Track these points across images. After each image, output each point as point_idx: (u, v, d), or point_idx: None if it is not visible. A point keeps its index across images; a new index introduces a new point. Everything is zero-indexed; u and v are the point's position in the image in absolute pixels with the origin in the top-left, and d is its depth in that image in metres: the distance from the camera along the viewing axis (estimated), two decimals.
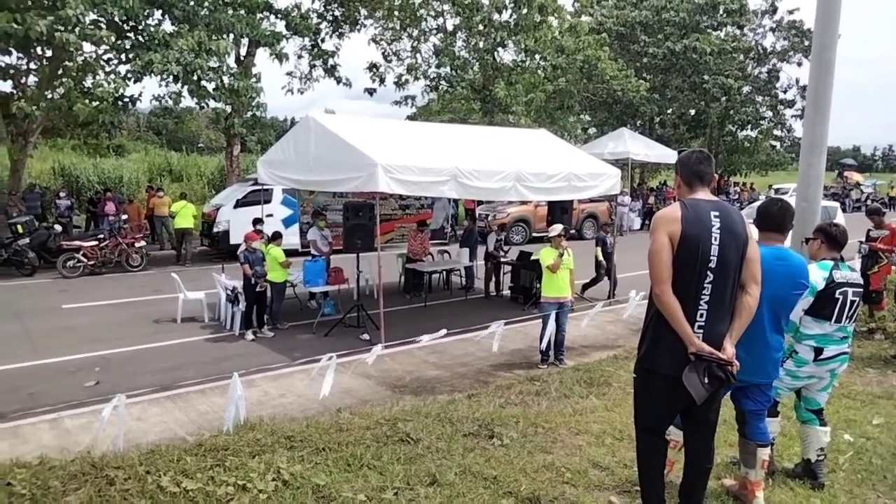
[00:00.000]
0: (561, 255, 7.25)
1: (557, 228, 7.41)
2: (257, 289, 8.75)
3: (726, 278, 3.14)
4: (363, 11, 20.94)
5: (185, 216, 15.44)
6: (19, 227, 13.43)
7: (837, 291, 3.95)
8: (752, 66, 31.46)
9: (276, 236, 9.20)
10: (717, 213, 3.15)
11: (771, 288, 3.55)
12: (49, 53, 14.28)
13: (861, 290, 4.09)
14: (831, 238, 4.17)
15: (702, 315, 3.13)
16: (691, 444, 3.46)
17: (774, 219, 3.73)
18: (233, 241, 14.29)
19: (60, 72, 14.21)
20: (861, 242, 8.71)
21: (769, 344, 3.64)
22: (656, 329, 3.23)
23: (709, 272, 3.10)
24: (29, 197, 16.74)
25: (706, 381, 3.07)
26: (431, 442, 4.72)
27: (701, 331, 3.14)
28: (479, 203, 18.71)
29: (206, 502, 3.80)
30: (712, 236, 3.10)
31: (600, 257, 10.81)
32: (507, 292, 11.63)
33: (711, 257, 3.09)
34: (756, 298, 3.25)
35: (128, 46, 14.82)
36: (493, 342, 7.20)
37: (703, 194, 3.26)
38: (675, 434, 3.76)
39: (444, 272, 12.20)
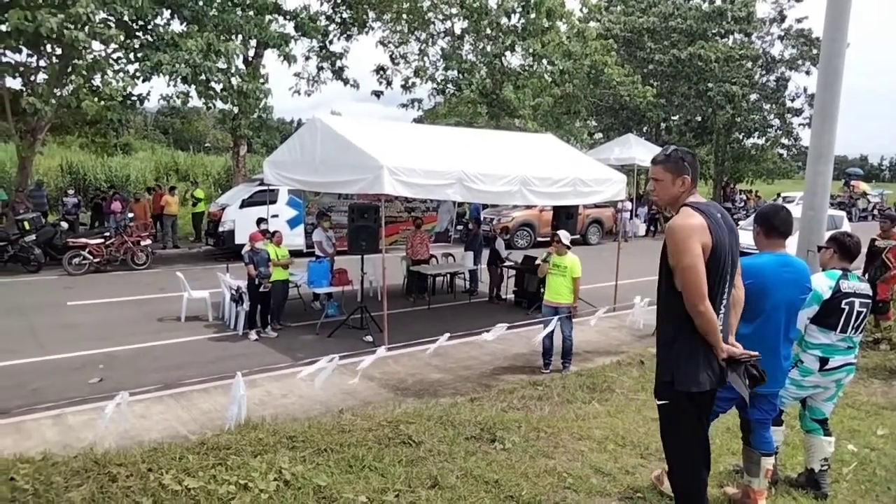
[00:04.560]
0: (545, 259, 7.47)
1: (559, 234, 7.45)
2: (261, 289, 8.77)
3: (734, 277, 3.11)
4: (371, 14, 21.00)
5: (205, 202, 18.37)
6: (26, 223, 13.49)
7: (843, 301, 3.93)
8: (760, 73, 31.38)
9: (272, 234, 9.25)
10: (720, 214, 3.06)
11: (782, 294, 3.54)
12: (59, 51, 14.35)
13: (869, 300, 4.06)
14: (845, 248, 4.15)
15: (720, 318, 3.02)
16: None
17: (784, 224, 3.71)
18: (238, 240, 14.32)
19: (70, 69, 14.28)
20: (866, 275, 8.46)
21: (780, 353, 3.64)
22: (692, 347, 2.99)
23: (728, 276, 3.02)
24: (35, 194, 16.82)
25: (747, 381, 3.06)
26: (433, 445, 4.71)
27: (721, 334, 3.03)
28: (485, 206, 18.74)
29: (207, 501, 3.80)
30: (728, 239, 3.02)
31: None
32: (510, 296, 11.63)
33: (730, 260, 3.01)
34: (742, 290, 3.26)
35: (137, 46, 14.91)
36: (491, 340, 7.16)
37: (696, 196, 3.13)
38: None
39: (448, 275, 12.21)
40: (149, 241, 14.62)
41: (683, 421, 3.10)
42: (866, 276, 8.32)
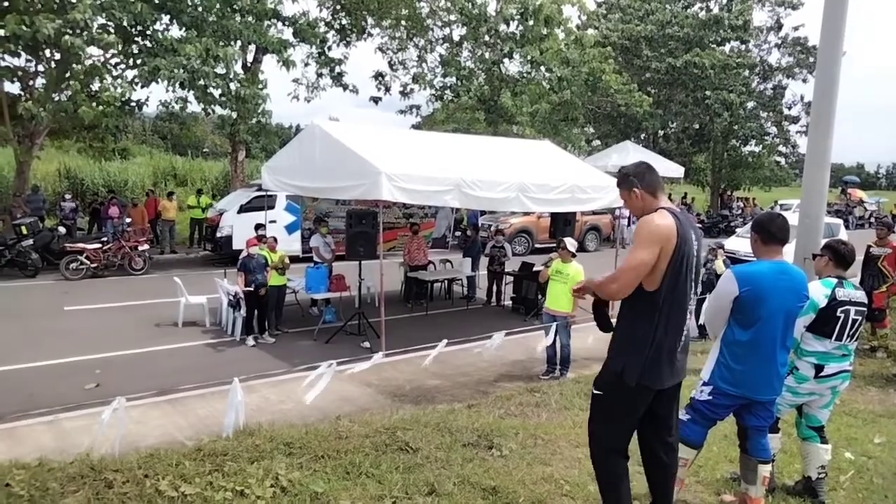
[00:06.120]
0: (546, 264, 7.70)
1: (565, 241, 7.50)
2: (259, 292, 8.74)
3: (697, 281, 3.26)
4: (370, 20, 21.05)
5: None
6: (23, 228, 13.45)
7: (839, 310, 3.94)
8: (758, 81, 31.53)
9: (261, 239, 9.26)
10: (689, 221, 3.20)
11: (780, 302, 3.54)
12: (57, 56, 14.36)
13: (864, 309, 4.07)
14: (839, 256, 4.16)
15: (688, 318, 3.22)
16: (657, 448, 3.34)
17: (781, 231, 3.71)
18: (235, 246, 14.32)
19: (67, 75, 14.28)
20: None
21: (777, 359, 3.63)
22: (659, 344, 3.13)
23: (693, 278, 3.18)
24: (33, 199, 16.80)
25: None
26: (430, 451, 4.70)
27: (684, 334, 3.21)
28: (483, 213, 18.76)
29: None
30: (697, 244, 3.19)
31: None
32: (508, 303, 11.63)
33: (695, 262, 3.19)
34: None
35: (135, 51, 14.92)
36: (491, 350, 7.15)
37: (666, 202, 3.27)
38: (685, 452, 3.72)
39: (446, 281, 12.21)
40: (146, 247, 14.61)
41: (623, 409, 3.25)
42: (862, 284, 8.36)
